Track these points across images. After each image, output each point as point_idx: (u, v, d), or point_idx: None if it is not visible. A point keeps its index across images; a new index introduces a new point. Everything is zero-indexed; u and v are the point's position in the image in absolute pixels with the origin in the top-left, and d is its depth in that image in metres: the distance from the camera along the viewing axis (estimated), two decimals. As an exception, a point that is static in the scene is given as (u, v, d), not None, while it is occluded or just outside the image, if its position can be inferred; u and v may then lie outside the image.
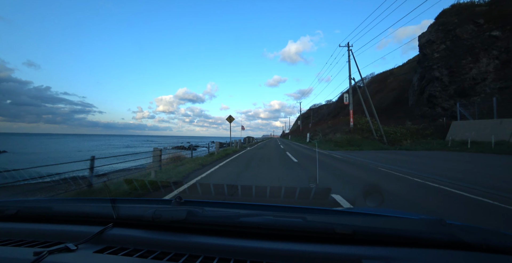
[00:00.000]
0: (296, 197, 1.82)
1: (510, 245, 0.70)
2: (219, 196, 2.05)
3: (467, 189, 4.24)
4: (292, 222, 0.79)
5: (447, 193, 3.99)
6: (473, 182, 4.80)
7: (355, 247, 0.71)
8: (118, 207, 0.90)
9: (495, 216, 2.94)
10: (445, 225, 0.74)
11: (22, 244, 0.78)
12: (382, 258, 0.65)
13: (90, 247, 0.74)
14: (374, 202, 1.67)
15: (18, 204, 1.07)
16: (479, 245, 0.69)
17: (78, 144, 63.39)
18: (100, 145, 57.29)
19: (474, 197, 3.69)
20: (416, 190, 4.26)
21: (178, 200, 0.95)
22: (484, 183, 4.70)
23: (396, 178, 5.45)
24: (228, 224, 0.81)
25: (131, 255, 0.70)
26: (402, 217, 0.87)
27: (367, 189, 3.13)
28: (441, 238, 0.71)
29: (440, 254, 0.68)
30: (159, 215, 0.81)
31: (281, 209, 0.98)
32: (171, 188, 3.78)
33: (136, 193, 3.44)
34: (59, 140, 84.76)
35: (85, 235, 0.78)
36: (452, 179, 5.12)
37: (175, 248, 0.74)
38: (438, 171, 6.34)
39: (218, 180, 5.34)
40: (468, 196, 3.79)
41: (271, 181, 5.01)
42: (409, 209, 3.09)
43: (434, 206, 3.35)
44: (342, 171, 6.45)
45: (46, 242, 0.80)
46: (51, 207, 1.01)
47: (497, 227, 1.96)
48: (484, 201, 3.49)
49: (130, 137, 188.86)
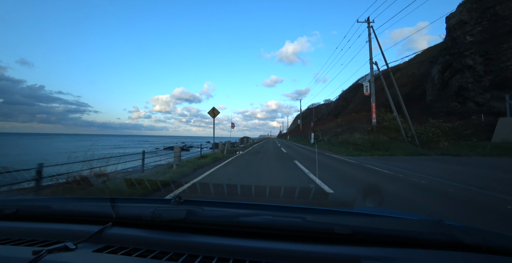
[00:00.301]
0: (295, 197, 1.87)
1: (509, 246, 0.69)
2: (218, 196, 2.07)
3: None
4: (291, 222, 0.79)
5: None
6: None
7: (354, 248, 0.71)
8: (117, 206, 0.91)
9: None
10: (444, 225, 0.74)
11: (21, 243, 0.79)
12: (381, 259, 0.66)
13: (89, 246, 0.74)
14: (373, 202, 1.66)
15: (17, 202, 1.10)
16: (478, 246, 0.69)
17: (66, 144, 59.72)
18: (88, 145, 52.35)
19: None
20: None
21: (177, 199, 0.96)
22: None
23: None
24: (227, 224, 0.82)
25: (130, 255, 0.71)
26: (401, 218, 0.88)
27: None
28: (440, 238, 0.71)
29: (439, 254, 0.68)
30: (158, 215, 0.82)
31: (280, 208, 0.99)
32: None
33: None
34: (48, 140, 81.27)
35: (84, 234, 0.79)
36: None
37: (174, 247, 0.75)
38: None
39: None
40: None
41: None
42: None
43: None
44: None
45: (45, 241, 0.81)
46: (50, 206, 1.01)
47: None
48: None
49: (125, 137, 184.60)
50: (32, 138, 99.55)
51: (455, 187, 4.44)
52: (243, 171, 6.61)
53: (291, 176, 5.73)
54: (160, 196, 3.44)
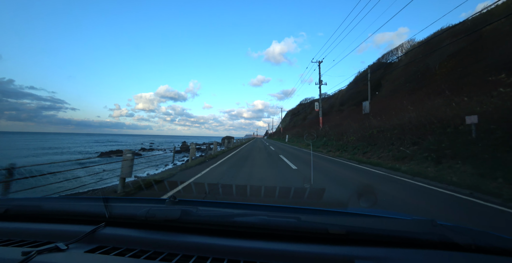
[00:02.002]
0: (290, 197, 1.90)
1: (497, 245, 0.70)
2: (213, 196, 2.09)
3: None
4: (286, 222, 0.79)
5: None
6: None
7: (348, 247, 0.72)
8: (110, 206, 0.90)
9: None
10: (436, 225, 0.75)
11: (10, 244, 0.77)
12: (375, 258, 0.66)
13: (81, 246, 0.73)
14: (367, 202, 1.68)
15: (6, 202, 1.07)
16: (469, 246, 0.69)
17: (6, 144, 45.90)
18: (32, 147, 39.09)
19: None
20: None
21: (172, 199, 0.95)
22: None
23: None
24: (222, 224, 0.82)
25: (123, 255, 0.70)
26: (394, 218, 0.88)
27: None
28: (432, 238, 0.72)
29: (431, 254, 0.69)
30: (152, 214, 0.81)
31: (275, 209, 0.99)
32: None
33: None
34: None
35: (76, 235, 0.77)
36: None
37: (168, 247, 0.74)
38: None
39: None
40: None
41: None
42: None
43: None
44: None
45: (35, 241, 0.80)
46: (41, 205, 0.99)
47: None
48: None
49: (102, 136, 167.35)
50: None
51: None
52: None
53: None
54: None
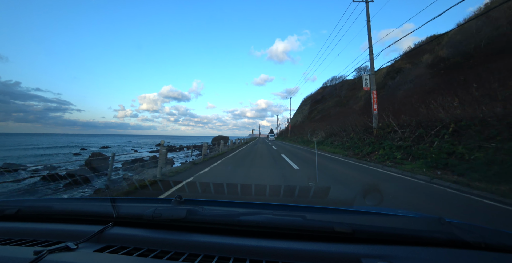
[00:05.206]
0: (295, 196, 1.91)
1: (508, 243, 0.69)
2: (218, 195, 2.09)
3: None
4: (291, 221, 0.79)
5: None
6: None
7: (354, 246, 0.71)
8: (118, 206, 0.91)
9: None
10: (444, 223, 0.74)
11: (22, 244, 0.78)
12: (381, 257, 0.65)
13: (90, 246, 0.74)
14: (373, 200, 1.67)
15: (18, 203, 1.07)
16: (478, 244, 0.68)
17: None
18: (22, 147, 39.73)
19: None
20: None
21: (178, 199, 0.95)
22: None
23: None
24: (227, 223, 0.82)
25: (131, 254, 0.70)
26: (401, 216, 0.88)
27: None
28: (440, 236, 0.71)
29: (439, 252, 0.68)
30: (159, 214, 0.82)
31: (280, 207, 0.98)
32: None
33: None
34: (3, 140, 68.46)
35: (85, 234, 0.79)
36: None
37: (175, 246, 0.74)
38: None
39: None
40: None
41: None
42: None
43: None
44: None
45: (46, 241, 0.81)
46: (51, 206, 1.00)
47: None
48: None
49: (106, 137, 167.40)
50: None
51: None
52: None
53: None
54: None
